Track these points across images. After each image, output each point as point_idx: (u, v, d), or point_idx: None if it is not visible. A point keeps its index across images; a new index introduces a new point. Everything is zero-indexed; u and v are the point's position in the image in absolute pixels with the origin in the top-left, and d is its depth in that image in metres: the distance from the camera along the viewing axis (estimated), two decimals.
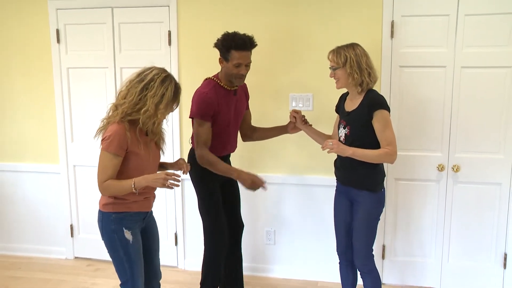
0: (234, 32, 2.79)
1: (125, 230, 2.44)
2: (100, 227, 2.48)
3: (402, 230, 3.47)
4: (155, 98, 2.30)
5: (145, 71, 2.36)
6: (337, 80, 2.70)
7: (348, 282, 2.98)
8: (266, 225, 3.67)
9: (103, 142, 2.32)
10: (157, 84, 2.31)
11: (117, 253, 2.46)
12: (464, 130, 3.27)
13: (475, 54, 3.17)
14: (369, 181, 2.68)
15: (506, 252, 3.32)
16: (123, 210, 2.44)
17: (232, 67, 2.76)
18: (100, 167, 2.34)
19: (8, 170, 4.05)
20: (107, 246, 2.48)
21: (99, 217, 2.49)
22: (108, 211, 2.43)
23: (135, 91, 2.31)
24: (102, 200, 2.47)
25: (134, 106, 2.31)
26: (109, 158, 2.31)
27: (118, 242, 2.43)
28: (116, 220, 2.43)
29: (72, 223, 4.02)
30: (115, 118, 2.33)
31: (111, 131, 2.31)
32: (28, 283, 3.62)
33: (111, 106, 2.41)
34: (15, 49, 3.87)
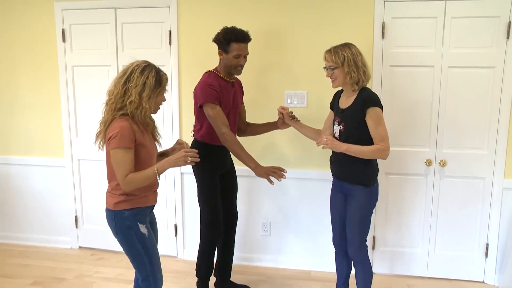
0: (232, 26, 2.95)
1: (140, 225, 2.42)
2: (113, 226, 2.43)
3: (392, 222, 3.55)
4: (137, 88, 2.30)
5: (128, 66, 2.38)
6: (334, 79, 2.73)
7: (342, 271, 3.06)
8: (262, 217, 3.74)
9: (111, 140, 2.30)
10: (137, 74, 2.32)
11: (135, 249, 2.42)
12: (451, 127, 3.35)
13: (461, 54, 3.25)
14: (363, 176, 2.74)
15: (488, 242, 3.43)
16: (135, 205, 2.42)
17: (232, 58, 2.91)
18: (117, 165, 2.30)
19: (16, 164, 4.11)
20: (123, 243, 2.44)
21: (110, 216, 2.44)
22: (121, 209, 2.39)
23: (119, 85, 2.33)
24: (111, 199, 2.43)
25: (121, 99, 2.32)
26: (123, 153, 2.29)
27: (135, 237, 2.41)
28: (130, 216, 2.40)
29: (76, 215, 4.09)
30: (107, 115, 2.35)
31: (117, 128, 2.29)
32: (36, 270, 3.70)
33: (103, 106, 2.42)
34: (23, 48, 3.91)
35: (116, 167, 2.31)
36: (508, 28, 3.14)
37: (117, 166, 2.31)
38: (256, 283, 3.47)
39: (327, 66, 2.73)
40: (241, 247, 3.75)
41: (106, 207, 2.47)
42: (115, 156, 2.31)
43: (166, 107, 3.69)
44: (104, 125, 2.38)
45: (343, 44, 2.72)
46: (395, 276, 3.59)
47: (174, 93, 3.67)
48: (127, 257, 2.48)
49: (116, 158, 2.30)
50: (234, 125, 3.09)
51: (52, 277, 3.58)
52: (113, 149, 2.31)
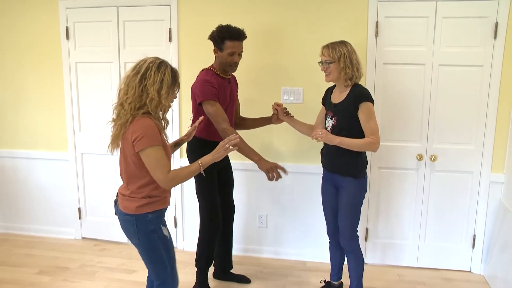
0: (227, 24, 2.99)
1: (163, 227, 2.34)
2: (134, 231, 2.29)
3: (384, 215, 3.65)
4: (155, 85, 2.21)
5: (139, 63, 2.27)
6: (329, 73, 2.80)
7: (336, 261, 3.16)
8: (259, 209, 3.84)
9: (139, 141, 2.17)
10: (153, 71, 2.22)
11: (158, 253, 2.32)
12: (441, 123, 3.45)
13: (451, 53, 3.34)
14: (353, 168, 2.83)
15: (475, 234, 3.55)
16: (159, 207, 2.33)
17: (226, 55, 2.96)
18: (154, 164, 2.19)
19: (22, 157, 4.19)
20: (146, 248, 2.32)
21: (129, 221, 2.30)
22: (144, 212, 2.27)
23: (134, 84, 2.21)
24: (132, 203, 2.28)
25: (139, 98, 2.20)
26: (156, 150, 2.19)
27: (158, 241, 2.31)
28: (153, 219, 2.30)
29: (80, 206, 4.18)
30: (126, 116, 2.21)
31: (142, 127, 2.18)
32: (41, 260, 3.79)
33: (115, 106, 2.29)
34: (28, 46, 3.98)
35: (154, 166, 2.20)
36: (495, 29, 3.24)
37: (155, 165, 2.20)
38: (254, 273, 3.57)
39: (323, 61, 2.80)
40: (239, 238, 3.85)
41: (122, 212, 2.32)
42: (149, 156, 2.19)
43: None
44: (122, 127, 2.23)
45: (339, 41, 2.80)
46: (387, 266, 3.71)
47: None
48: (145, 260, 2.37)
49: (151, 158, 2.19)
50: (230, 120, 3.15)
51: (56, 267, 3.67)
52: (144, 150, 2.19)
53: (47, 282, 3.42)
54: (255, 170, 3.65)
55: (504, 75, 3.29)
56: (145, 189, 2.28)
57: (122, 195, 2.36)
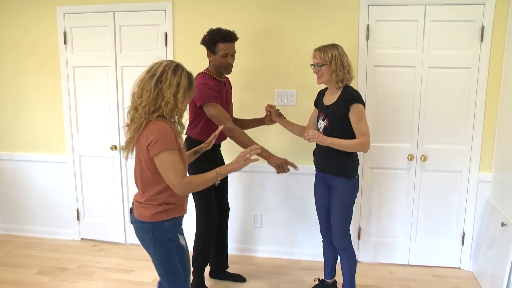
0: (217, 27, 3.04)
1: (180, 236, 2.24)
2: (150, 239, 2.19)
3: (376, 214, 3.72)
4: (171, 89, 2.13)
5: (154, 66, 2.19)
6: (321, 76, 2.86)
7: (329, 259, 3.22)
8: (254, 209, 3.89)
9: (154, 145, 2.09)
10: (169, 74, 2.14)
11: (173, 263, 2.22)
12: (431, 124, 3.52)
13: (440, 56, 3.42)
14: (345, 169, 2.88)
15: (464, 231, 3.62)
16: (176, 215, 2.24)
17: (220, 58, 3.01)
18: (168, 168, 2.10)
19: (21, 160, 4.24)
20: (161, 258, 2.22)
21: (145, 229, 2.20)
22: (160, 220, 2.18)
23: (150, 87, 2.13)
24: (147, 210, 2.20)
25: (154, 102, 2.13)
26: (171, 155, 2.10)
27: (174, 250, 2.21)
28: (170, 227, 2.20)
29: (78, 208, 4.23)
30: (140, 120, 2.14)
31: (157, 131, 2.11)
32: (40, 260, 3.84)
33: (128, 110, 2.22)
34: (26, 50, 4.03)
35: (167, 171, 2.11)
36: (482, 32, 3.32)
37: (169, 169, 2.11)
38: (249, 272, 3.63)
39: (315, 63, 2.86)
40: (234, 238, 3.91)
41: (138, 220, 2.24)
42: (163, 160, 2.11)
43: None
44: (136, 131, 2.16)
45: (331, 44, 2.86)
46: (379, 264, 3.78)
47: None
48: (159, 269, 2.27)
49: (165, 162, 2.11)
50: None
51: (55, 267, 3.72)
52: (158, 154, 2.10)
53: (47, 282, 3.47)
54: (250, 171, 3.75)
55: (491, 77, 3.37)
56: (161, 196, 2.20)
57: (137, 202, 2.28)
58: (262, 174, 3.80)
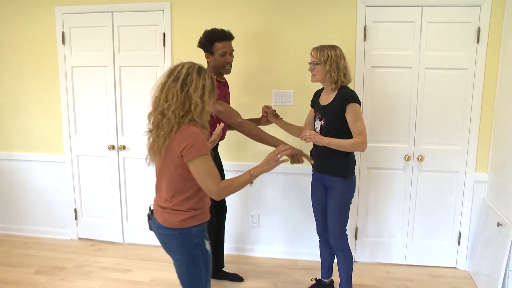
0: (212, 28, 3.06)
1: (206, 242, 2.21)
2: (177, 246, 2.15)
3: (373, 214, 3.74)
4: (198, 91, 2.08)
5: (177, 69, 2.12)
6: (314, 74, 2.88)
7: (326, 259, 3.23)
8: (251, 209, 3.91)
9: (189, 150, 2.03)
10: (194, 76, 2.09)
11: (197, 268, 2.18)
12: (428, 124, 3.53)
13: (437, 57, 3.44)
14: (342, 169, 2.89)
15: (460, 231, 3.64)
16: (203, 220, 2.20)
17: (218, 57, 3.01)
18: (206, 174, 2.06)
19: (19, 160, 4.25)
20: (187, 263, 2.17)
21: (172, 236, 2.15)
22: (188, 225, 2.13)
23: (175, 91, 2.06)
24: (175, 216, 2.14)
25: (182, 105, 2.06)
26: (207, 160, 2.07)
27: (200, 256, 2.17)
28: (197, 233, 2.16)
29: (76, 207, 4.24)
30: (170, 125, 2.06)
31: (190, 135, 2.05)
32: (38, 260, 3.85)
33: (153, 116, 2.12)
34: (25, 50, 4.04)
35: (204, 177, 2.06)
36: (478, 34, 3.35)
37: (205, 175, 2.06)
38: (246, 272, 3.64)
39: (311, 61, 2.88)
40: (231, 238, 3.92)
41: (163, 226, 2.17)
42: (200, 166, 2.06)
43: None
44: (167, 137, 2.07)
45: (330, 45, 2.87)
46: (376, 264, 3.79)
47: None
48: (182, 274, 2.22)
49: (201, 168, 2.06)
50: (225, 124, 3.20)
51: (53, 266, 3.73)
52: (194, 160, 2.05)
53: (45, 281, 3.48)
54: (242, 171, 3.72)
55: (487, 78, 3.39)
56: (190, 201, 2.15)
57: (161, 208, 2.20)
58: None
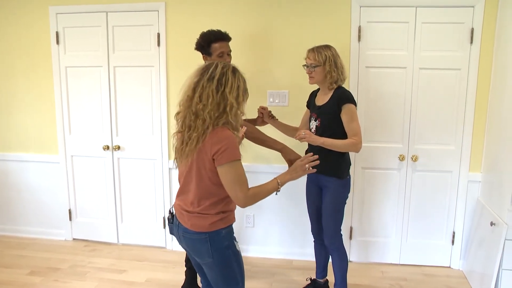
0: (208, 30, 3.06)
1: (235, 243, 2.18)
2: (207, 249, 2.09)
3: (367, 214, 3.75)
4: (233, 92, 2.04)
5: (210, 68, 2.07)
6: (313, 77, 2.88)
7: (321, 259, 3.24)
8: (246, 209, 3.86)
9: (222, 154, 1.97)
10: (230, 77, 2.05)
11: (231, 269, 2.14)
12: (422, 124, 3.55)
13: (431, 57, 3.45)
14: (337, 169, 2.90)
15: (454, 231, 3.66)
16: (231, 222, 2.17)
17: (216, 58, 3.00)
18: (236, 180, 2.00)
19: (13, 160, 4.23)
20: (221, 266, 2.13)
21: (202, 239, 2.09)
22: (218, 228, 2.09)
23: (210, 91, 2.01)
24: (204, 220, 2.08)
25: (217, 107, 2.01)
26: (238, 165, 2.01)
27: (232, 257, 2.14)
28: (227, 235, 2.13)
29: (70, 208, 4.23)
30: (204, 126, 2.00)
31: (224, 138, 1.99)
32: (32, 261, 3.84)
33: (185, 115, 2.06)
34: (19, 50, 4.02)
35: (233, 183, 2.01)
36: (471, 34, 3.37)
37: (235, 182, 2.01)
38: None
39: (309, 64, 2.87)
40: None
41: (191, 231, 2.12)
42: (232, 171, 2.00)
43: (155, 106, 3.86)
44: (200, 138, 2.01)
45: (324, 45, 2.88)
46: (371, 263, 3.81)
47: (163, 93, 3.82)
48: (217, 278, 2.17)
49: (232, 174, 2.00)
50: None
51: (47, 267, 3.71)
52: (224, 165, 1.99)
53: (39, 282, 3.47)
54: None
55: (480, 78, 3.41)
56: (219, 205, 2.11)
57: (187, 212, 2.14)
58: (254, 174, 3.72)
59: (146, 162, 3.98)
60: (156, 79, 3.83)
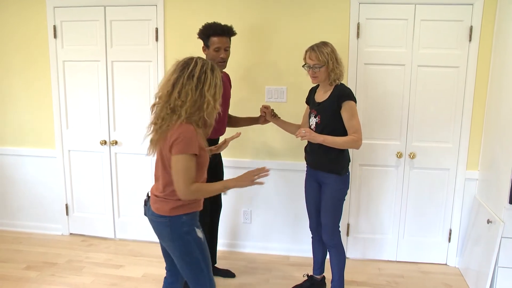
0: (213, 21, 3.05)
1: (197, 229, 2.26)
2: (169, 233, 2.22)
3: (365, 210, 3.76)
4: (211, 90, 2.12)
5: (190, 65, 2.14)
6: (316, 77, 2.84)
7: (318, 256, 3.24)
8: (243, 205, 3.91)
9: (176, 145, 2.09)
10: (208, 75, 2.13)
11: (193, 255, 2.24)
12: (420, 122, 3.56)
13: (429, 54, 3.45)
14: (336, 165, 2.89)
15: (451, 228, 3.68)
16: (193, 209, 2.25)
17: (212, 52, 3.01)
18: (182, 171, 2.10)
19: (10, 154, 4.22)
20: (181, 251, 2.23)
21: (163, 223, 2.22)
22: (178, 214, 2.20)
23: (190, 88, 2.10)
24: (166, 204, 2.21)
25: (194, 104, 2.10)
26: (189, 159, 2.10)
27: (193, 243, 2.23)
28: (187, 221, 2.23)
29: (67, 203, 4.22)
30: (178, 121, 2.11)
31: (182, 131, 2.09)
32: (28, 255, 3.83)
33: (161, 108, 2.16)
34: (16, 44, 4.00)
35: (179, 174, 2.11)
36: (470, 32, 3.37)
37: (181, 173, 2.11)
38: (238, 268, 3.65)
39: (312, 65, 2.82)
40: (223, 234, 3.92)
41: (155, 214, 2.25)
42: (179, 163, 2.10)
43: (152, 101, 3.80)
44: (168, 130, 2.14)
45: (321, 42, 2.85)
46: (368, 260, 3.82)
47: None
48: (180, 266, 2.28)
49: (180, 165, 2.10)
50: (224, 119, 3.20)
51: (44, 262, 3.71)
52: (179, 155, 2.10)
53: (35, 277, 3.46)
54: (241, 167, 3.77)
55: (478, 76, 3.42)
56: None
57: (155, 196, 2.28)
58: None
59: (143, 157, 3.95)
60: (154, 74, 3.81)
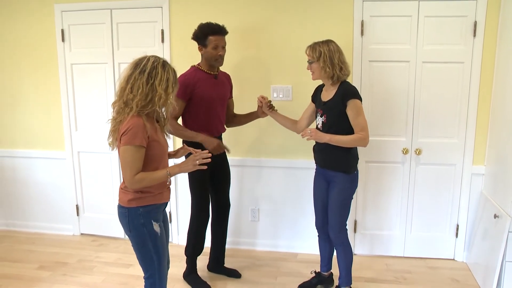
0: (207, 22, 3.12)
1: (154, 223, 2.35)
2: (126, 223, 2.34)
3: (372, 207, 3.76)
4: (162, 84, 2.23)
5: (142, 62, 2.26)
6: (313, 72, 2.90)
7: (325, 253, 3.24)
8: (251, 204, 3.93)
9: (123, 137, 2.21)
10: (159, 70, 2.23)
11: (146, 247, 2.35)
12: (425, 118, 3.55)
13: (434, 51, 3.44)
14: (344, 164, 2.90)
15: (458, 223, 3.67)
16: (150, 203, 2.34)
17: (211, 50, 3.07)
18: (127, 162, 2.21)
19: (21, 157, 4.27)
20: (135, 241, 2.36)
21: (122, 213, 2.35)
22: (135, 205, 2.31)
23: (141, 83, 2.21)
24: (125, 196, 2.33)
25: (145, 97, 2.21)
26: (135, 151, 2.20)
27: (147, 235, 2.33)
28: (144, 214, 2.32)
29: (77, 203, 4.27)
30: (130, 113, 2.22)
31: (130, 125, 2.20)
32: (41, 255, 3.88)
33: (118, 104, 2.29)
34: (25, 48, 4.05)
35: (125, 164, 2.23)
36: (475, 27, 3.35)
37: (127, 163, 2.22)
38: (246, 265, 3.67)
39: (308, 60, 2.90)
40: (231, 232, 3.93)
41: (118, 204, 2.39)
42: (125, 153, 2.22)
43: None
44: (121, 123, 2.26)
45: (324, 40, 2.88)
46: (375, 256, 3.82)
47: None
48: (136, 253, 2.42)
49: (126, 155, 2.22)
50: (221, 116, 3.25)
51: (56, 262, 3.76)
52: (125, 146, 2.21)
53: (47, 277, 3.51)
54: (248, 166, 3.81)
55: (483, 72, 3.40)
56: None
57: (120, 188, 2.40)
58: (260, 168, 3.84)
59: None
60: None
